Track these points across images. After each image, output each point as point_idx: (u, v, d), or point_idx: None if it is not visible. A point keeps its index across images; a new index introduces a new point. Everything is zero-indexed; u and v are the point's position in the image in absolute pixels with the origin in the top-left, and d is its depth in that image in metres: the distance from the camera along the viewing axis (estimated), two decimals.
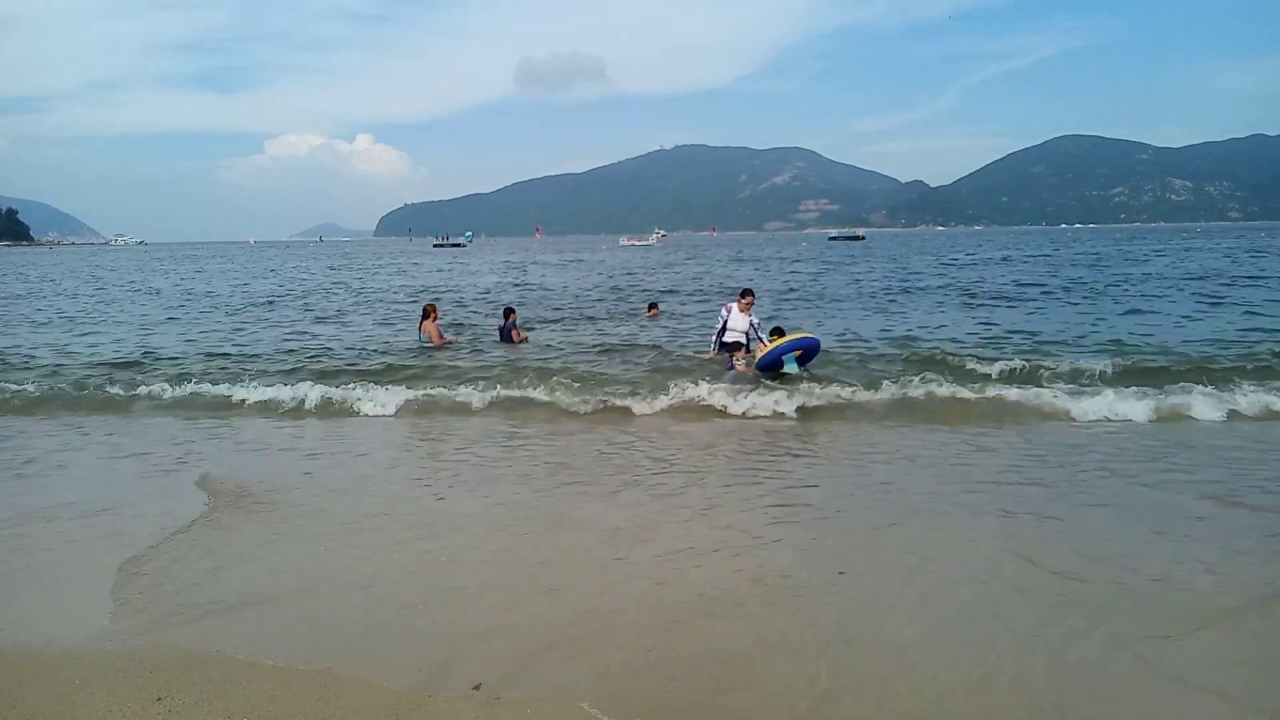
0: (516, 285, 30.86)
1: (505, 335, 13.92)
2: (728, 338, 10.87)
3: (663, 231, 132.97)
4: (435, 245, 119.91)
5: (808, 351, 9.97)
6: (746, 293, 11.02)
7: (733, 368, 10.12)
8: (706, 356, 11.16)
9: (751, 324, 10.81)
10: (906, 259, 47.66)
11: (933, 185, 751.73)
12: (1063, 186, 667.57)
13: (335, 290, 29.19)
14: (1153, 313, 17.14)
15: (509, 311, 14.50)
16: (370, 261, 62.33)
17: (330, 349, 13.58)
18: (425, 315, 13.72)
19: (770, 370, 9.65)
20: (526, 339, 14.23)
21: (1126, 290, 22.49)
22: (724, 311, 11.01)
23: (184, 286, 32.98)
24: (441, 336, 13.62)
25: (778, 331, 10.62)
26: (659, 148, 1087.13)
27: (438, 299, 20.65)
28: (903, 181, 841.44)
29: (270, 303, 24.01)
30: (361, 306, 22.49)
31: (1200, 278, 26.22)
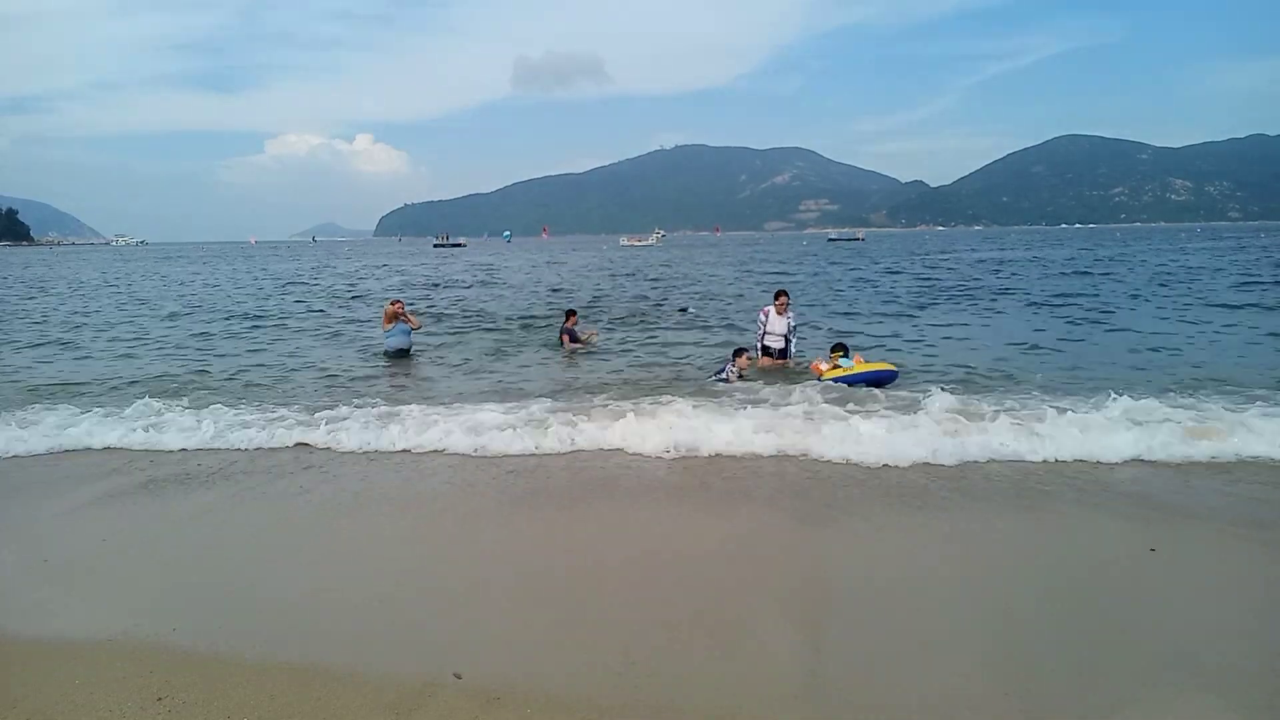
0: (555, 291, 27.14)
1: (571, 337, 13.15)
2: (768, 341, 10.79)
3: (662, 232, 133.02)
4: (435, 245, 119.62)
5: (881, 383, 9.42)
6: (780, 294, 10.97)
7: (724, 375, 9.92)
8: (758, 364, 10.74)
9: (790, 325, 10.78)
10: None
11: (933, 185, 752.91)
12: (1063, 186, 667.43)
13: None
14: None
15: (570, 314, 13.64)
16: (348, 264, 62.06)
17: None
18: (389, 315, 12.64)
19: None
20: (586, 340, 13.34)
21: None
22: (762, 316, 10.93)
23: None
24: (410, 318, 12.94)
25: (840, 348, 10.02)
26: (659, 148, 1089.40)
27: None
28: (903, 181, 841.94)
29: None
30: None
31: None
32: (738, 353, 10.21)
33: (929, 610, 3.97)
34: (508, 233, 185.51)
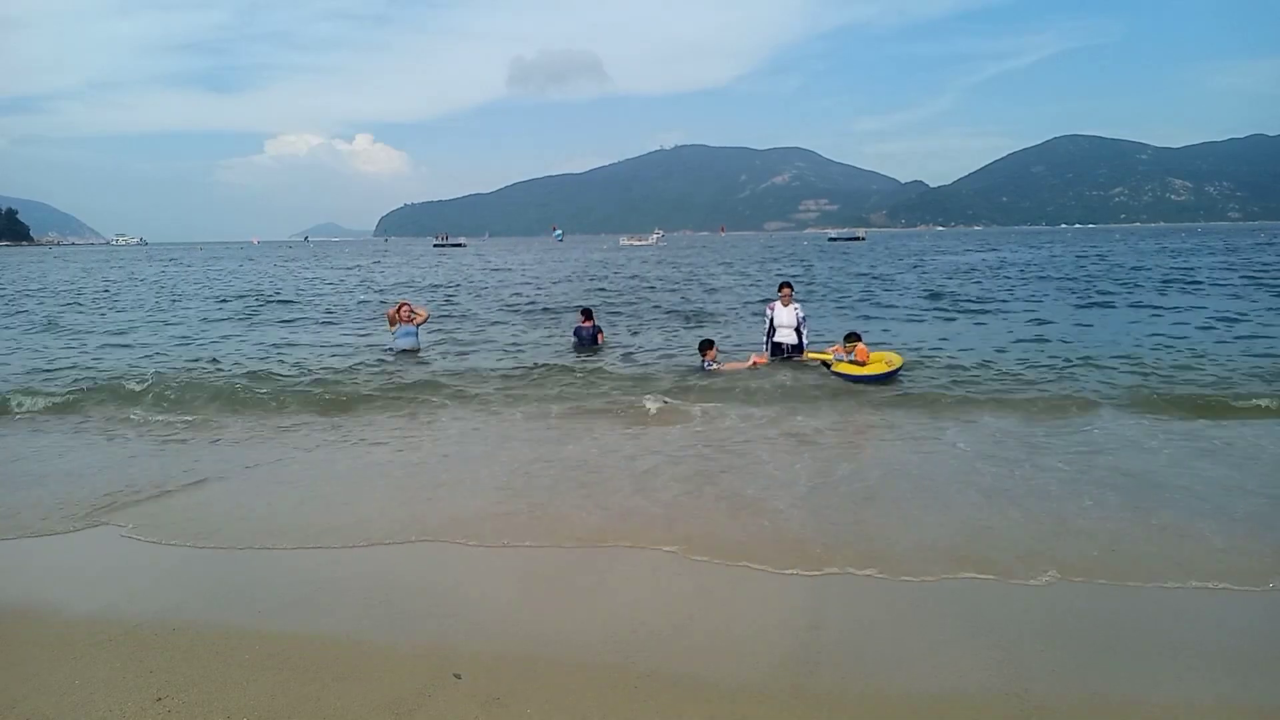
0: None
1: (587, 339, 12.76)
2: (778, 336, 10.69)
3: (661, 232, 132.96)
4: (435, 245, 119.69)
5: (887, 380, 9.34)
6: (784, 286, 10.95)
7: (703, 367, 9.84)
8: (753, 362, 10.39)
9: (798, 317, 10.71)
10: None
11: (933, 185, 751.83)
12: (1062, 186, 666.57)
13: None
14: None
15: (587, 314, 13.26)
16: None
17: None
18: (394, 318, 12.58)
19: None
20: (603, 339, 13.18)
21: None
22: (769, 310, 10.87)
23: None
24: (417, 313, 12.84)
25: (854, 337, 9.78)
26: (659, 148, 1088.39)
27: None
28: (902, 181, 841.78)
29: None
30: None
31: None
32: (704, 347, 10.09)
33: (928, 608, 3.97)
34: (559, 231, 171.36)
